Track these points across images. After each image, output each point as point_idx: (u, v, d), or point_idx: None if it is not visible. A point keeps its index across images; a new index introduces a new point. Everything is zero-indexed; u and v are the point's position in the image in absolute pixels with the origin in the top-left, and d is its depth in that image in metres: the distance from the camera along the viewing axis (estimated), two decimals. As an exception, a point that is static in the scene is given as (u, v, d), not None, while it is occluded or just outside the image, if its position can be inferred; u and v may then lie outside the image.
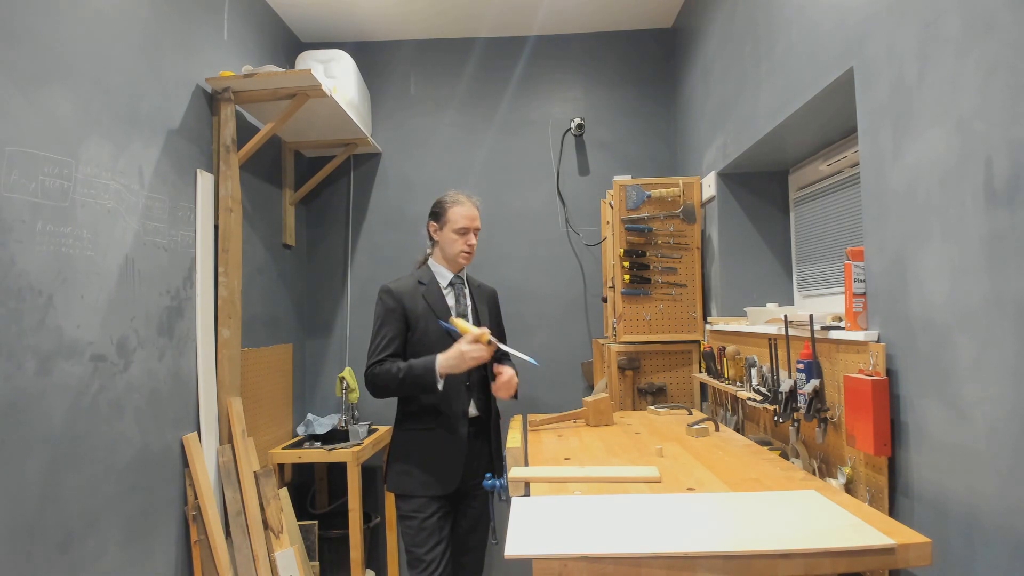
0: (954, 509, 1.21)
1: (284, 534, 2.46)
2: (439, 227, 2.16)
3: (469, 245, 2.15)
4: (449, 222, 2.14)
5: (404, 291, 2.11)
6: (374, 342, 2.08)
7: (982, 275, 1.12)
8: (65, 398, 1.73)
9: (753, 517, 1.21)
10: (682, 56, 3.26)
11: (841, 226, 2.14)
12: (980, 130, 1.12)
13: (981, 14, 1.11)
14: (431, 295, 2.13)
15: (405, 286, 2.12)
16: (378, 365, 2.03)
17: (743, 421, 2.32)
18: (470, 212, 2.15)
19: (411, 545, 2.01)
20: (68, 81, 1.77)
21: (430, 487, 2.03)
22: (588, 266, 3.45)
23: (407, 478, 2.05)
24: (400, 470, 2.06)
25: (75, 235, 1.78)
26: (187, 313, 2.31)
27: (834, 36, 1.62)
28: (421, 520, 2.01)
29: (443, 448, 2.06)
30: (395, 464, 2.08)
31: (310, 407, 3.43)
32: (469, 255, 2.17)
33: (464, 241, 2.14)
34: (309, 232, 3.52)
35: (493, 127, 3.51)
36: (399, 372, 2.00)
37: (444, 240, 2.15)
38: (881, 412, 1.37)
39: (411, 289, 2.12)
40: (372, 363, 2.05)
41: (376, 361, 2.04)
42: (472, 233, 2.15)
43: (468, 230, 2.14)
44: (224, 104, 2.50)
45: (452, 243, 2.14)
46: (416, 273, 2.19)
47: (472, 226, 2.15)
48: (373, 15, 3.24)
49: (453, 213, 2.13)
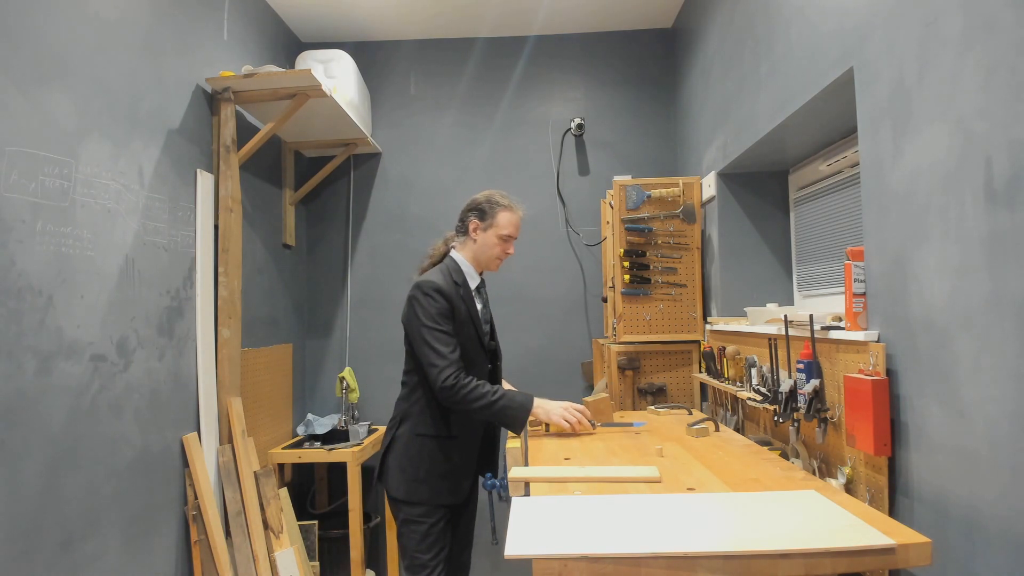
0: (954, 509, 1.21)
1: (284, 534, 2.46)
2: (482, 226, 2.02)
3: (507, 253, 2.05)
4: (496, 226, 2.02)
5: (450, 292, 1.94)
6: (441, 348, 1.87)
7: (982, 275, 1.12)
8: (65, 398, 1.73)
9: (753, 517, 1.21)
10: (682, 56, 3.26)
11: (841, 226, 2.14)
12: (980, 130, 1.12)
13: (981, 14, 1.11)
14: (468, 300, 1.99)
15: (447, 285, 1.94)
16: (462, 376, 1.87)
17: (743, 421, 2.32)
18: (518, 221, 2.06)
19: (415, 551, 1.92)
20: (68, 81, 1.77)
21: (442, 496, 1.95)
22: (588, 266, 3.45)
23: (418, 486, 1.93)
24: (411, 477, 1.93)
25: (75, 235, 1.78)
26: (187, 313, 2.31)
27: (834, 36, 1.62)
28: (429, 526, 1.93)
29: (459, 458, 1.98)
30: (405, 470, 1.94)
31: (310, 407, 3.43)
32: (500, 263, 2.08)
33: (503, 248, 2.04)
34: (309, 232, 3.52)
35: (493, 127, 3.51)
36: (495, 398, 1.87)
37: (484, 241, 2.02)
38: (881, 412, 1.37)
39: (452, 290, 1.95)
40: (454, 372, 1.86)
41: (458, 370, 1.87)
42: (512, 243, 2.07)
43: (512, 238, 2.05)
44: (224, 104, 2.50)
45: (492, 247, 2.03)
46: (446, 269, 2.01)
47: (516, 235, 2.06)
48: (373, 15, 3.24)
49: (503, 218, 2.02)
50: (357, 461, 2.84)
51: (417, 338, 1.90)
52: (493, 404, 1.87)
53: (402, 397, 2.03)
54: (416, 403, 1.97)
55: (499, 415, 1.89)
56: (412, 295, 1.94)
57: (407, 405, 2.00)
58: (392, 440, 1.99)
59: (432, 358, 1.86)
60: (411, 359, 1.99)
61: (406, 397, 2.01)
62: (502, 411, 1.89)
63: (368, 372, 3.39)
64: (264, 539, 2.38)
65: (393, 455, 1.97)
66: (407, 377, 2.02)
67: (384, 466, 1.98)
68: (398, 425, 2.00)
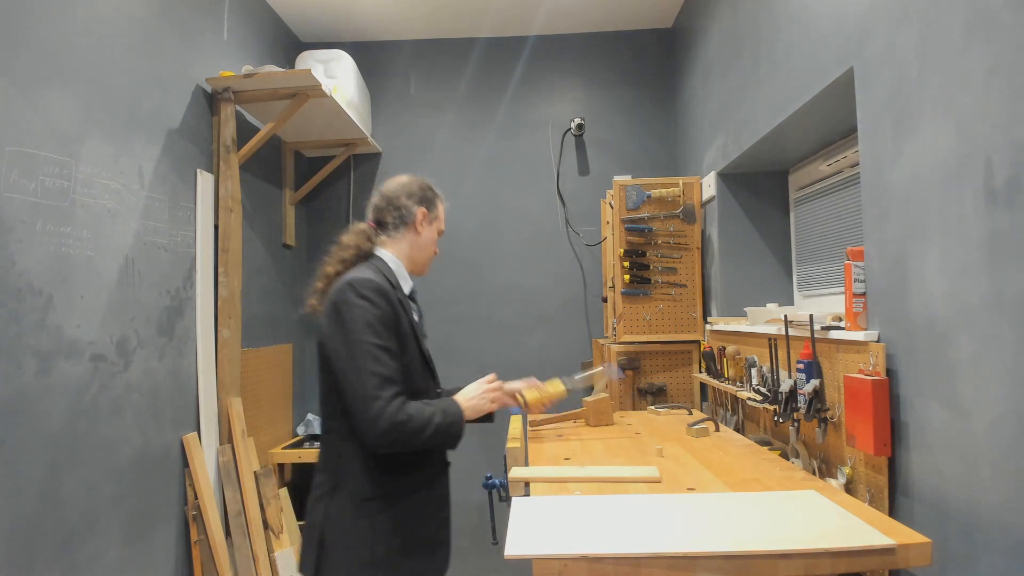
0: (954, 509, 1.21)
1: (284, 534, 2.46)
2: (429, 219, 1.60)
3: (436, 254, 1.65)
4: (438, 219, 1.62)
5: (391, 296, 1.44)
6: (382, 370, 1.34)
7: (982, 275, 1.12)
8: (65, 398, 1.73)
9: (753, 517, 1.21)
10: (682, 56, 3.26)
11: (841, 226, 2.14)
12: (980, 130, 1.12)
13: (981, 14, 1.11)
14: (407, 308, 1.50)
15: (386, 287, 1.45)
16: (398, 402, 1.33)
17: (743, 421, 2.32)
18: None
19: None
20: (68, 81, 1.77)
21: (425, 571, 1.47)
22: (588, 266, 3.45)
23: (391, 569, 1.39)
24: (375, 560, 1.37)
25: (75, 235, 1.78)
26: (187, 313, 2.31)
27: (834, 36, 1.62)
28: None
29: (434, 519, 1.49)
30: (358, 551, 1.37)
31: (310, 407, 3.43)
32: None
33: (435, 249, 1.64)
34: (309, 232, 3.52)
35: (493, 127, 3.51)
36: (433, 416, 1.37)
37: (425, 238, 1.59)
38: (881, 412, 1.37)
39: (392, 293, 1.46)
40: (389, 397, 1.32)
41: (394, 394, 1.33)
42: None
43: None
44: (224, 104, 2.50)
45: (430, 245, 1.61)
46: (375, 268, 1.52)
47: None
48: (373, 15, 3.24)
49: (442, 211, 1.64)
50: (357, 461, 2.84)
51: (346, 360, 1.35)
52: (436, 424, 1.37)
53: (329, 452, 1.47)
54: (355, 458, 1.41)
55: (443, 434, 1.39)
56: (339, 300, 1.41)
57: (338, 462, 1.44)
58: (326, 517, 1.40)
59: (370, 387, 1.31)
60: (335, 394, 1.42)
61: (337, 451, 1.44)
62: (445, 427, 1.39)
63: (368, 372, 3.39)
64: (264, 539, 2.38)
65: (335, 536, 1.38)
66: (333, 421, 1.46)
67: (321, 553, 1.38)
68: (333, 490, 1.42)
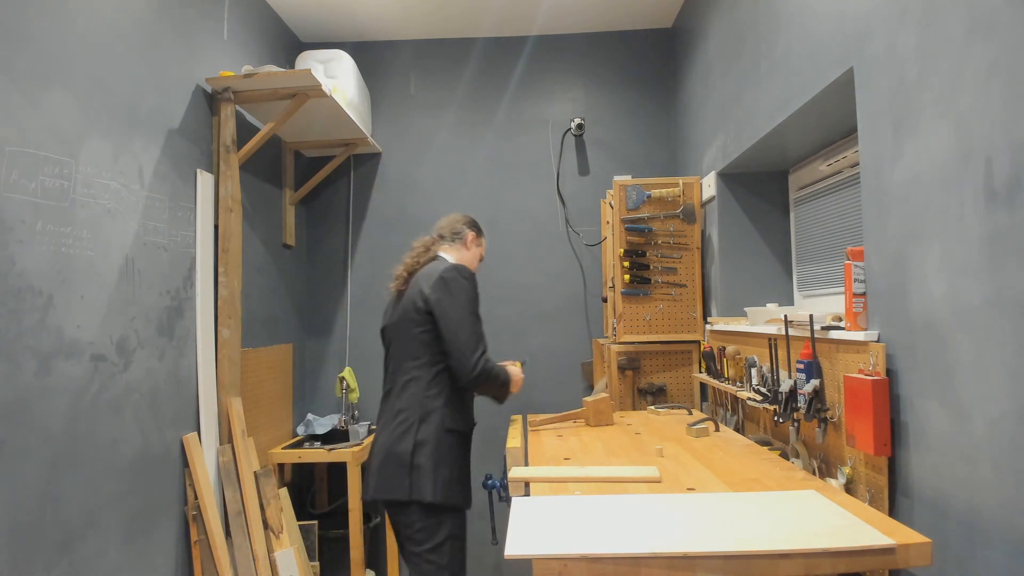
0: (954, 509, 1.21)
1: (284, 534, 2.46)
2: (477, 241, 2.14)
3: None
4: (481, 246, 2.18)
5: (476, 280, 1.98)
6: (476, 328, 1.85)
7: (982, 275, 1.12)
8: (65, 398, 1.73)
9: (753, 517, 1.21)
10: (682, 56, 3.26)
11: (841, 226, 2.14)
12: (980, 130, 1.12)
13: (981, 14, 1.11)
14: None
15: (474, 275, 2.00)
16: (487, 356, 1.85)
17: (743, 421, 2.32)
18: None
19: (458, 569, 1.80)
20: (68, 81, 1.77)
21: (469, 501, 1.87)
22: (588, 266, 3.45)
23: (459, 489, 1.82)
24: (451, 478, 1.80)
25: (75, 235, 1.78)
26: (187, 313, 2.31)
27: (834, 36, 1.62)
28: (464, 540, 1.83)
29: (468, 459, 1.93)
30: (441, 470, 1.79)
31: (310, 407, 3.43)
32: None
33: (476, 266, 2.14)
34: (309, 232, 3.52)
35: (493, 127, 3.51)
36: (500, 372, 1.88)
37: (472, 254, 2.12)
38: (881, 412, 1.37)
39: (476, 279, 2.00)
40: (483, 351, 1.84)
41: (485, 349, 1.85)
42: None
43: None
44: (224, 104, 2.50)
45: (474, 261, 2.13)
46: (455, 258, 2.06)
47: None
48: (373, 15, 3.24)
49: (484, 242, 2.21)
50: (357, 461, 2.84)
51: (457, 321, 1.82)
52: (503, 382, 1.90)
53: (417, 392, 1.85)
54: (439, 396, 1.84)
55: (503, 387, 1.91)
56: (449, 277, 1.87)
57: (428, 399, 1.84)
58: (417, 442, 1.80)
59: (474, 343, 1.81)
60: (427, 348, 1.86)
61: (424, 392, 1.85)
62: (503, 386, 1.90)
63: (368, 372, 3.39)
64: (264, 539, 2.38)
65: (424, 457, 1.78)
66: (421, 371, 1.86)
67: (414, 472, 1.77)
68: (422, 421, 1.82)
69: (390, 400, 1.91)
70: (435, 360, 1.85)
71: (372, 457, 1.88)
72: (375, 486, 1.83)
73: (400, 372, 1.90)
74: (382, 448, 1.84)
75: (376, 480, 1.83)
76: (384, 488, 1.80)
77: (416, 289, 1.90)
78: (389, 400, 1.92)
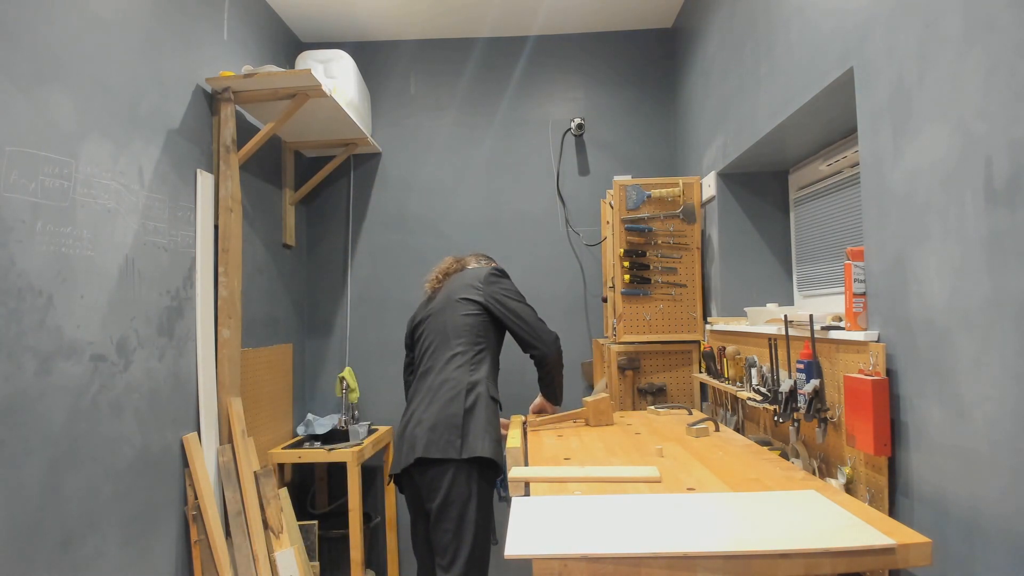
0: (954, 509, 1.21)
1: (284, 534, 2.46)
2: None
3: None
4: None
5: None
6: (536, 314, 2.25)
7: (982, 275, 1.12)
8: (65, 398, 1.73)
9: (753, 517, 1.21)
10: (682, 56, 3.26)
11: (841, 226, 2.14)
12: (980, 130, 1.12)
13: (981, 14, 1.11)
14: None
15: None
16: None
17: (743, 421, 2.32)
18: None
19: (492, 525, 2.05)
20: (68, 81, 1.77)
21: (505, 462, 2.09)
22: (588, 266, 3.45)
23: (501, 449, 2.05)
24: (496, 439, 2.06)
25: (75, 235, 1.78)
26: (187, 313, 2.31)
27: (834, 36, 1.62)
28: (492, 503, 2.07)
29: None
30: (490, 431, 2.05)
31: (310, 407, 3.43)
32: None
33: None
34: (309, 232, 3.52)
35: (493, 127, 3.51)
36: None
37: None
38: (881, 412, 1.37)
39: None
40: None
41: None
42: None
43: None
44: (224, 104, 2.50)
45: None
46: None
47: None
48: (373, 15, 3.24)
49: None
50: (357, 461, 2.84)
51: (518, 308, 2.22)
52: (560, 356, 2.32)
53: (463, 365, 2.14)
54: (480, 370, 2.14)
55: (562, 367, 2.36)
56: (493, 273, 2.29)
57: (473, 371, 2.13)
58: (473, 404, 2.06)
59: (545, 326, 2.24)
60: (470, 330, 2.18)
61: (472, 365, 2.14)
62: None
63: (368, 372, 3.39)
64: (264, 539, 2.38)
65: (476, 419, 2.04)
66: (466, 348, 2.17)
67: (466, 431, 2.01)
68: (469, 390, 2.08)
69: (430, 376, 2.15)
70: (476, 341, 2.18)
71: (417, 425, 2.05)
72: (426, 446, 2.00)
73: (443, 350, 2.18)
74: (433, 415, 2.05)
75: (426, 441, 2.00)
76: (436, 448, 1.99)
77: (460, 284, 2.27)
78: (429, 377, 2.15)
